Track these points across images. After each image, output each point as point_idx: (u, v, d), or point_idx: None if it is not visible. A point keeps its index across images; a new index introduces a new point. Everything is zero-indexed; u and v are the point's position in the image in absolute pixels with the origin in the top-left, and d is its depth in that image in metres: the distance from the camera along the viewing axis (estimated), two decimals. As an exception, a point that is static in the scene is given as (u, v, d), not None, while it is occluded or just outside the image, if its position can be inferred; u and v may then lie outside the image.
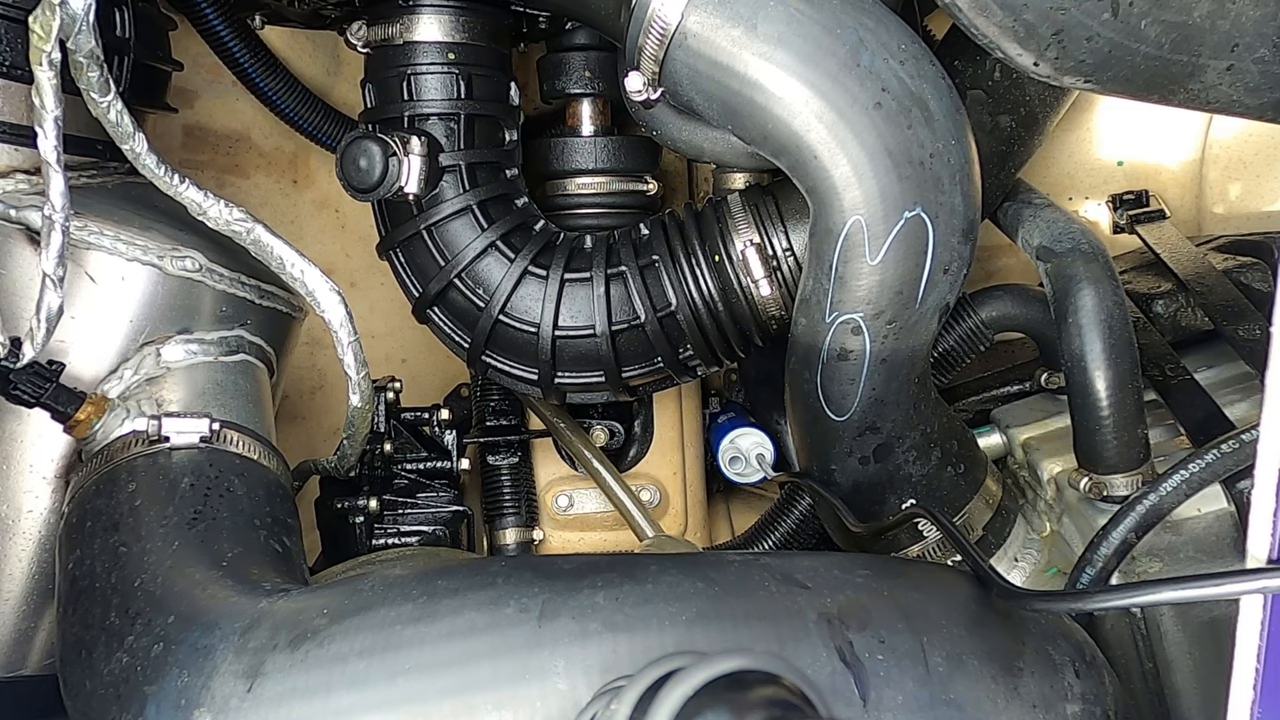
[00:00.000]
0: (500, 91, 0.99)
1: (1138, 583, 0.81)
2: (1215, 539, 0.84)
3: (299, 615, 0.65)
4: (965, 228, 0.82)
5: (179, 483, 0.75)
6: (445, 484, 1.08)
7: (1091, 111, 1.26)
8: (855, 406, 0.88)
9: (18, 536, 0.82)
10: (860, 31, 0.76)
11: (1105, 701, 0.68)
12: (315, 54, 1.24)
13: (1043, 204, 0.99)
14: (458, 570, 0.68)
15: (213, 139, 1.25)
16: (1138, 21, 0.70)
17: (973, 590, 0.70)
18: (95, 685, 0.65)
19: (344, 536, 1.03)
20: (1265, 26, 0.70)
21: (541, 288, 0.95)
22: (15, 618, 0.84)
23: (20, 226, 0.80)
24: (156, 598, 0.67)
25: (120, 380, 0.83)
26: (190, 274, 0.85)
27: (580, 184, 1.07)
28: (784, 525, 1.14)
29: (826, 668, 0.62)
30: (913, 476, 0.93)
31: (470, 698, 0.60)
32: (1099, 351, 0.86)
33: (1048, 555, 0.98)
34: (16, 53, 0.80)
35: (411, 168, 0.90)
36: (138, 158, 0.80)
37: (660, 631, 0.62)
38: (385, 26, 0.95)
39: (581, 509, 1.19)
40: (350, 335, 0.86)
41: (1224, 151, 1.28)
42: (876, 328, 0.83)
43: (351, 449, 0.96)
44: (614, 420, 1.17)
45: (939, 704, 0.63)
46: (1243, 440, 0.79)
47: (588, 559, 0.71)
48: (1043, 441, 1.00)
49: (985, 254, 1.28)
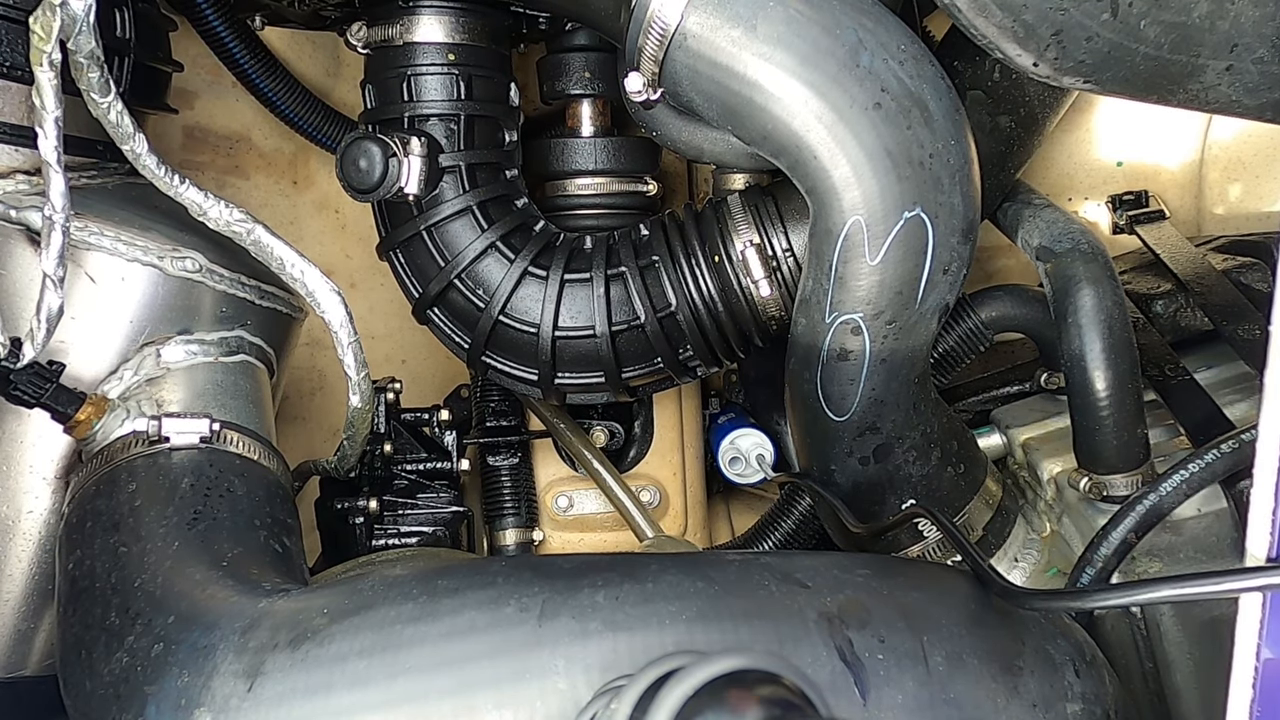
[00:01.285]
0: (500, 92, 0.99)
1: (1137, 581, 0.81)
2: (1215, 539, 0.84)
3: (299, 615, 0.65)
4: (965, 228, 0.82)
5: (179, 483, 0.75)
6: (445, 485, 1.08)
7: (1091, 111, 1.26)
8: (855, 407, 0.88)
9: (18, 537, 0.82)
10: (860, 32, 0.76)
11: (1105, 701, 0.68)
12: (315, 55, 1.24)
13: (1042, 204, 0.99)
14: (458, 570, 0.68)
15: (213, 140, 1.25)
16: (1137, 22, 0.70)
17: (973, 590, 0.70)
18: (95, 685, 0.65)
19: (344, 537, 1.03)
20: (1264, 27, 0.70)
21: (541, 288, 0.95)
22: (15, 618, 0.84)
23: (20, 227, 0.80)
24: (156, 598, 0.67)
25: (120, 381, 0.83)
26: (190, 274, 0.85)
27: (580, 185, 1.07)
28: (784, 525, 1.14)
29: (826, 667, 0.62)
30: (913, 477, 0.93)
31: (470, 697, 0.60)
32: (1099, 351, 0.87)
33: (1048, 555, 0.98)
34: (16, 53, 0.80)
35: (411, 168, 0.90)
36: (138, 158, 0.81)
37: (660, 631, 0.62)
38: (385, 27, 0.95)
39: (581, 510, 1.19)
40: (350, 336, 0.86)
41: (1223, 152, 1.28)
42: (876, 328, 0.83)
43: (351, 450, 0.96)
44: (614, 421, 1.17)
45: (939, 703, 0.63)
46: (1242, 440, 0.79)
47: (588, 559, 0.71)
48: (1043, 441, 1.00)
49: (985, 254, 1.28)
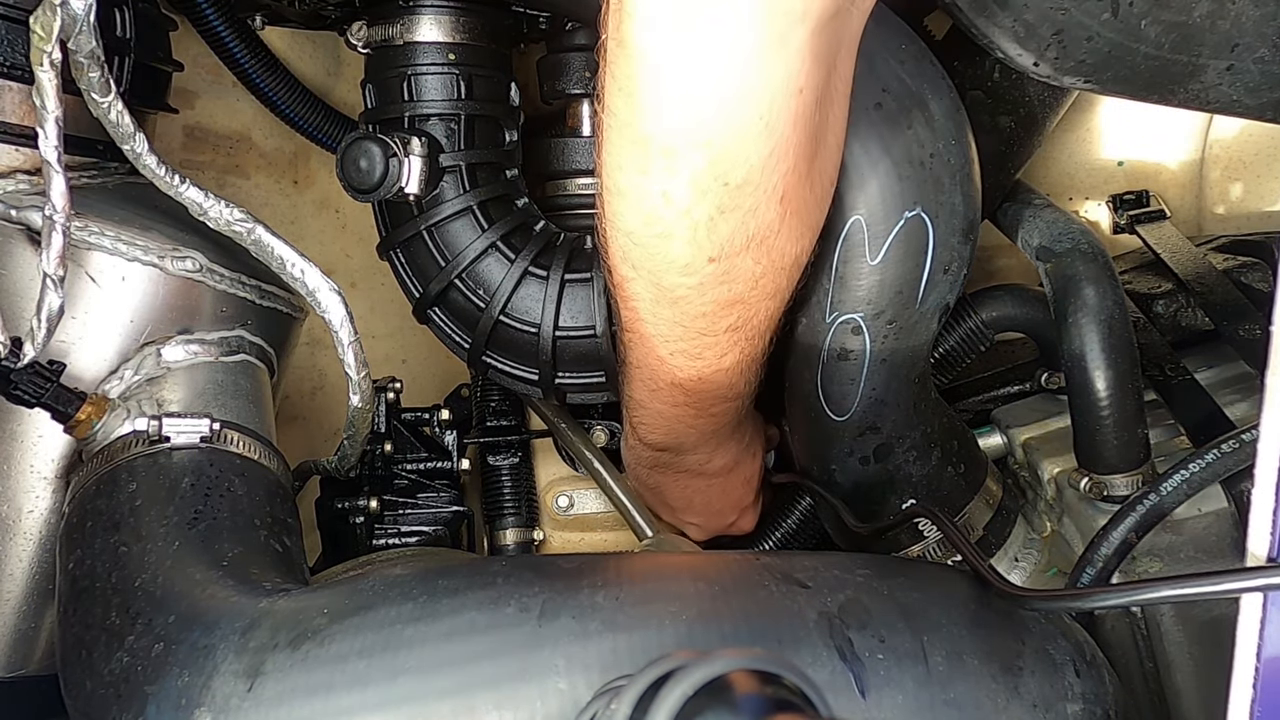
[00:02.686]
0: (500, 92, 0.99)
1: (1137, 581, 0.81)
2: (1215, 539, 0.84)
3: (299, 615, 0.65)
4: (965, 228, 0.82)
5: (179, 483, 0.75)
6: (445, 484, 1.08)
7: (1091, 111, 1.26)
8: (855, 406, 0.88)
9: (18, 537, 0.82)
10: (860, 31, 0.76)
11: (1106, 701, 0.68)
12: (315, 54, 1.24)
13: (1042, 204, 0.99)
14: (458, 570, 0.68)
15: (213, 139, 1.25)
16: (1138, 21, 0.70)
17: (973, 590, 0.70)
18: (95, 685, 0.66)
19: (344, 536, 1.03)
20: (1265, 26, 0.70)
21: (542, 288, 0.95)
22: (16, 618, 0.84)
23: (21, 227, 0.80)
24: (157, 598, 0.67)
25: (121, 380, 0.83)
26: (191, 274, 0.85)
27: (580, 184, 1.07)
28: (784, 525, 1.14)
29: (826, 667, 0.62)
30: (913, 476, 0.93)
31: (470, 697, 0.60)
32: (1099, 351, 0.87)
33: (1048, 555, 0.98)
34: (17, 53, 0.80)
35: (412, 168, 0.90)
36: (138, 158, 0.81)
37: (660, 631, 0.62)
38: (385, 27, 0.95)
39: (582, 509, 1.19)
40: (351, 335, 0.86)
41: (1224, 151, 1.28)
42: (877, 328, 0.83)
43: (352, 449, 0.96)
44: (614, 420, 1.17)
45: (939, 703, 0.63)
46: (1243, 440, 0.79)
47: (588, 558, 0.71)
48: (1043, 441, 1.00)
49: (985, 254, 1.28)
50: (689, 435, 0.91)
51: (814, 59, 0.63)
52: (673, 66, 0.63)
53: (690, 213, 0.69)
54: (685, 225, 0.70)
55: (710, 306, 0.75)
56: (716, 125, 0.65)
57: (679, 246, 0.71)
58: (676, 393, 0.84)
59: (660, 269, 0.74)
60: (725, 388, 0.84)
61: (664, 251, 0.72)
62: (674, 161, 0.67)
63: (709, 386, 0.83)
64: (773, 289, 0.76)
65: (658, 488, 1.01)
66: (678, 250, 0.72)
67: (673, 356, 0.80)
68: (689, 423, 0.88)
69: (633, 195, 0.71)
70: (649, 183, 0.69)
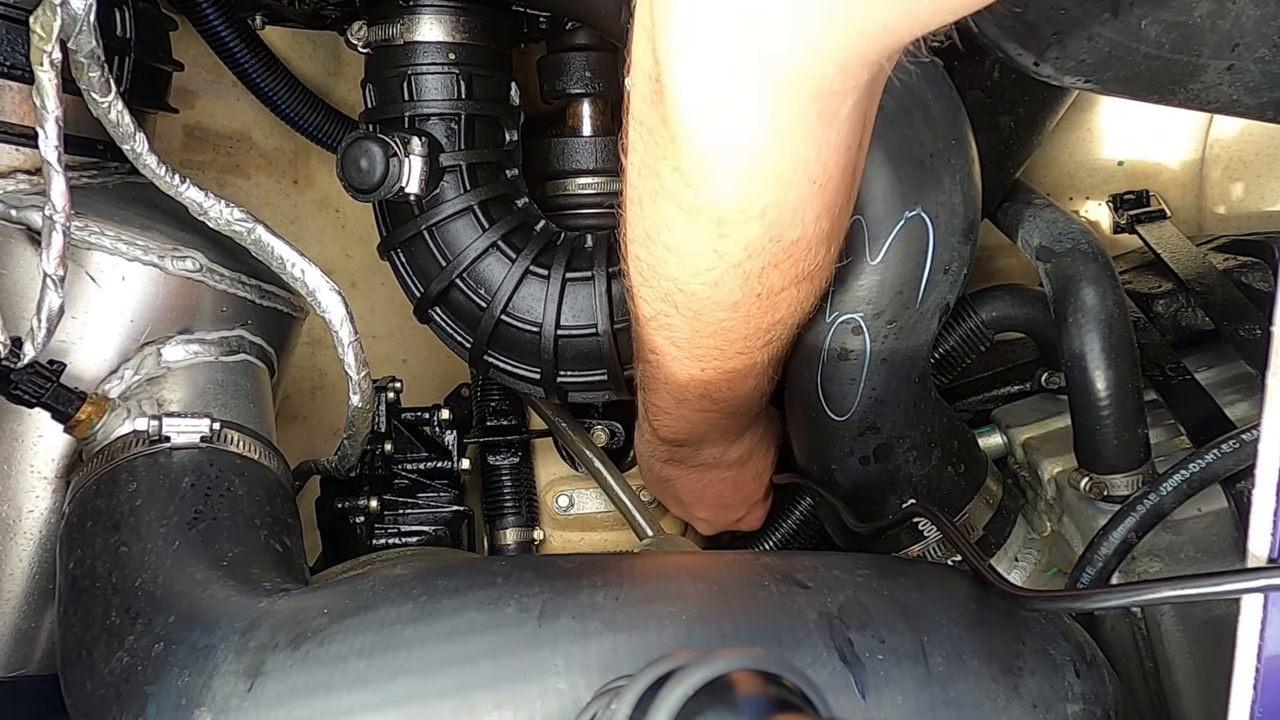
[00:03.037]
0: (501, 91, 0.99)
1: (1137, 582, 0.81)
2: (1215, 539, 0.84)
3: (299, 615, 0.65)
4: (965, 228, 0.82)
5: (179, 482, 0.75)
6: (446, 484, 1.08)
7: (1091, 111, 1.26)
8: (855, 406, 0.88)
9: (18, 536, 0.83)
10: (860, 31, 0.76)
11: (1106, 701, 0.68)
12: (315, 54, 1.24)
13: (1043, 204, 0.99)
14: (458, 570, 0.68)
15: (213, 139, 1.25)
16: (1138, 21, 0.70)
17: (973, 590, 0.70)
18: (95, 685, 0.66)
19: (344, 536, 1.03)
20: (1265, 26, 0.70)
21: (543, 287, 0.95)
22: (16, 618, 0.84)
23: (21, 227, 0.80)
24: (157, 597, 0.68)
25: (121, 380, 0.83)
26: (191, 274, 0.85)
27: (581, 184, 1.07)
28: (784, 525, 1.14)
29: (826, 667, 0.62)
30: (913, 476, 0.93)
31: (470, 697, 0.60)
32: (1099, 351, 0.86)
33: (1048, 555, 0.98)
34: (17, 53, 0.80)
35: (412, 168, 0.90)
36: (138, 158, 0.81)
37: (660, 631, 0.62)
38: (386, 27, 0.95)
39: (582, 509, 1.19)
40: (351, 335, 0.86)
41: (1225, 151, 1.28)
42: (877, 328, 0.83)
43: (352, 449, 0.96)
44: (615, 420, 1.17)
45: (939, 704, 0.63)
46: (1243, 440, 0.79)
47: (588, 558, 0.71)
48: (1043, 441, 1.00)
49: (985, 254, 1.28)
50: (711, 433, 0.92)
51: (860, 118, 0.63)
52: (726, 151, 0.62)
53: (743, 265, 0.69)
54: (737, 276, 0.69)
55: (753, 330, 0.76)
56: (772, 199, 0.64)
57: (728, 292, 0.71)
58: (705, 401, 0.85)
59: (705, 309, 0.73)
60: (753, 389, 0.85)
61: (712, 296, 0.72)
62: (728, 229, 0.66)
63: (740, 392, 0.84)
64: (811, 306, 0.78)
65: (670, 481, 1.01)
66: (726, 294, 0.71)
67: (705, 373, 0.81)
68: (713, 423, 0.90)
69: (683, 251, 0.70)
70: (700, 244, 0.68)
